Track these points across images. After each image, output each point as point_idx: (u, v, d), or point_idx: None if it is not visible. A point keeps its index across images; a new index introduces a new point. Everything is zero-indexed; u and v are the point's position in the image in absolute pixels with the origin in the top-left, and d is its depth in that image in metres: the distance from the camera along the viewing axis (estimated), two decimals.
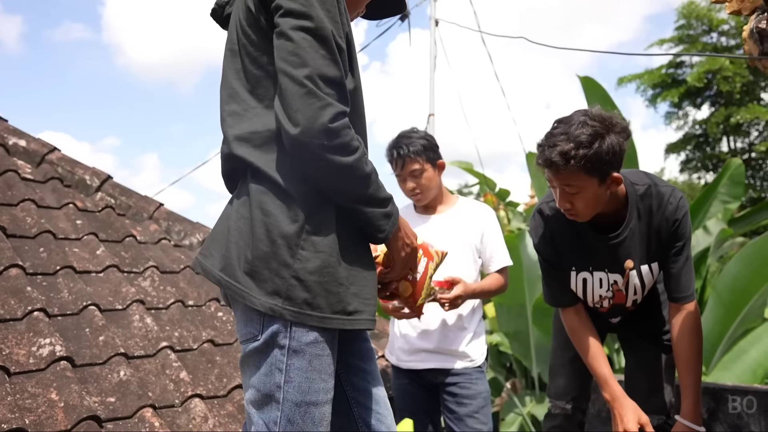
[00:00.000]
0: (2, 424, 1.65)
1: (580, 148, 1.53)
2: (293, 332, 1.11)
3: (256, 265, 1.12)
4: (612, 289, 1.83)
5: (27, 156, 3.26)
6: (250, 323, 1.15)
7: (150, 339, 2.35)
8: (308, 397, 1.12)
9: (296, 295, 1.10)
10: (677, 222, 1.68)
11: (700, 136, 20.00)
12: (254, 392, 1.16)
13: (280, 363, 1.12)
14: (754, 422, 2.30)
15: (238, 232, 1.16)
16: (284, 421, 1.12)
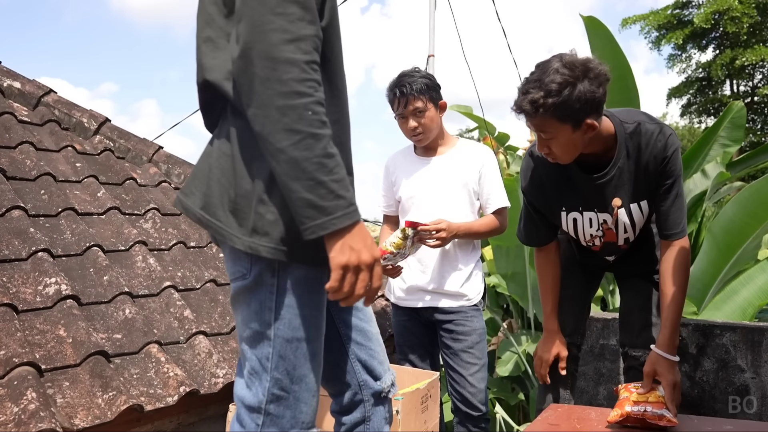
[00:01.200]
0: (14, 358, 1.71)
1: (549, 96, 1.54)
2: (282, 269, 1.10)
3: (239, 203, 1.09)
4: (602, 228, 1.86)
5: (23, 98, 3.22)
6: (238, 261, 1.13)
7: (153, 279, 2.39)
8: (299, 333, 1.12)
9: (274, 231, 1.07)
10: (666, 159, 1.68)
11: (703, 80, 19.68)
12: (246, 330, 1.15)
13: (270, 300, 1.11)
14: (741, 357, 2.38)
15: (220, 170, 1.12)
16: (276, 357, 1.12)
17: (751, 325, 2.45)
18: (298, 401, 1.14)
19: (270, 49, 0.98)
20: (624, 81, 4.74)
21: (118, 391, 1.78)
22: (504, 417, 3.77)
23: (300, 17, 1.00)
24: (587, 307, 2.17)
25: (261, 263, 1.10)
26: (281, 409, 1.13)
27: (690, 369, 2.50)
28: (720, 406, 2.41)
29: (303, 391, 1.14)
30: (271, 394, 1.13)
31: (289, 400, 1.13)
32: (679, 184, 1.71)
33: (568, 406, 1.68)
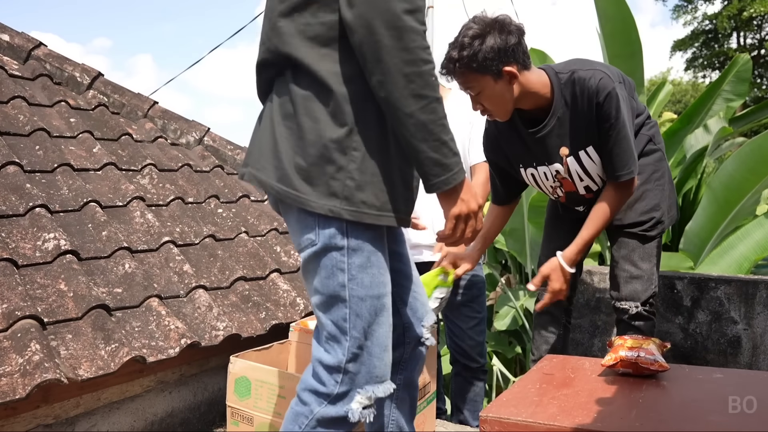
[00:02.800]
0: (16, 311, 1.73)
1: (462, 50, 1.66)
2: (350, 231, 1.15)
3: (311, 171, 1.13)
4: (557, 178, 1.92)
5: (12, 51, 3.15)
6: (306, 230, 1.18)
7: (152, 234, 2.40)
8: (372, 291, 1.18)
9: (353, 194, 1.13)
10: (599, 105, 1.72)
11: (709, 32, 19.27)
12: (319, 296, 1.20)
13: (341, 263, 1.16)
14: (735, 309, 2.42)
15: (287, 141, 1.16)
16: (353, 317, 1.17)
17: (745, 278, 2.47)
18: (371, 356, 1.19)
19: (394, 19, 1.04)
20: (627, 34, 4.65)
21: (120, 344, 1.81)
22: (501, 370, 3.86)
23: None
24: (579, 266, 2.19)
25: (330, 228, 1.15)
26: (358, 365, 1.19)
27: (684, 321, 2.54)
28: (712, 357, 2.46)
29: (375, 346, 1.19)
30: (351, 353, 1.18)
31: (366, 357, 1.19)
32: (619, 126, 1.73)
33: (563, 357, 1.71)
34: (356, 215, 1.13)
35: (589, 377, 1.49)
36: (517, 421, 1.24)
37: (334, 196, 1.13)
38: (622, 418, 1.20)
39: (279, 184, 1.17)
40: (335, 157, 1.13)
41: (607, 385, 1.42)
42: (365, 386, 1.19)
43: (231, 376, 1.84)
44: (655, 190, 1.93)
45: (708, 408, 1.24)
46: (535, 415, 1.25)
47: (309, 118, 1.14)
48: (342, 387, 1.19)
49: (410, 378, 1.44)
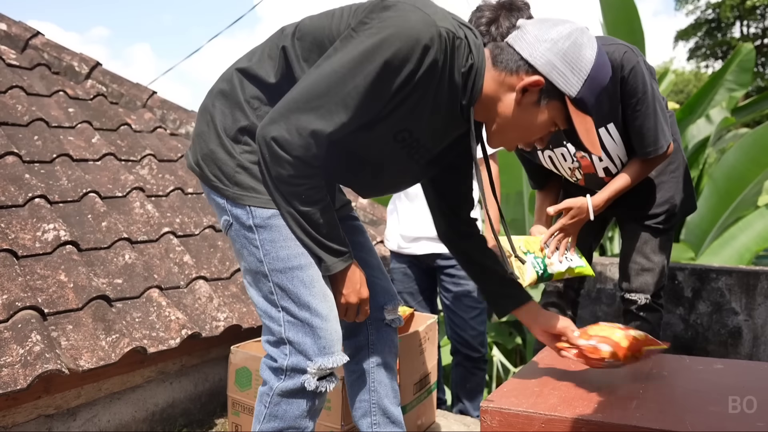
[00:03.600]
0: (16, 302, 1.73)
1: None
2: (253, 211, 1.21)
3: (208, 157, 1.24)
4: (576, 158, 1.87)
5: (9, 41, 3.13)
6: (222, 212, 1.26)
7: (152, 225, 2.39)
8: (289, 263, 1.21)
9: (242, 180, 1.21)
10: (623, 79, 1.68)
11: (712, 21, 19.15)
12: (247, 276, 1.28)
13: (254, 240, 1.22)
14: (735, 300, 2.41)
15: (200, 131, 1.28)
16: (277, 289, 1.22)
17: (746, 269, 2.46)
18: (313, 327, 1.21)
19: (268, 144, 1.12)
20: (630, 23, 4.62)
21: (120, 334, 1.81)
22: (501, 360, 3.87)
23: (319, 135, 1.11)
24: (589, 254, 2.18)
25: (237, 209, 1.23)
26: (300, 335, 1.21)
27: (685, 312, 2.53)
28: (713, 348, 2.46)
29: (314, 318, 1.21)
30: (285, 322, 1.22)
31: (305, 327, 1.21)
32: (648, 100, 1.69)
33: None
34: (246, 198, 1.21)
35: (590, 368, 1.48)
36: (518, 412, 1.24)
37: (227, 179, 1.22)
38: (623, 409, 1.20)
39: (195, 166, 1.28)
40: (228, 146, 1.22)
41: (608, 376, 1.42)
42: (315, 358, 1.21)
43: (232, 367, 1.85)
44: (670, 182, 1.90)
45: (709, 399, 1.24)
46: (535, 405, 1.24)
47: (217, 119, 1.24)
48: (291, 359, 1.22)
49: (384, 360, 1.45)
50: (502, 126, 1.20)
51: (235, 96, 1.24)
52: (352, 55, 1.07)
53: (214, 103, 1.26)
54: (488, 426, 1.27)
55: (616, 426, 1.14)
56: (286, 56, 1.21)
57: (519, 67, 1.14)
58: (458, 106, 1.19)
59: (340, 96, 1.08)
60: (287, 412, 1.24)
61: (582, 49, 1.14)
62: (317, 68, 1.12)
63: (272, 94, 1.22)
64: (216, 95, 1.27)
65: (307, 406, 1.25)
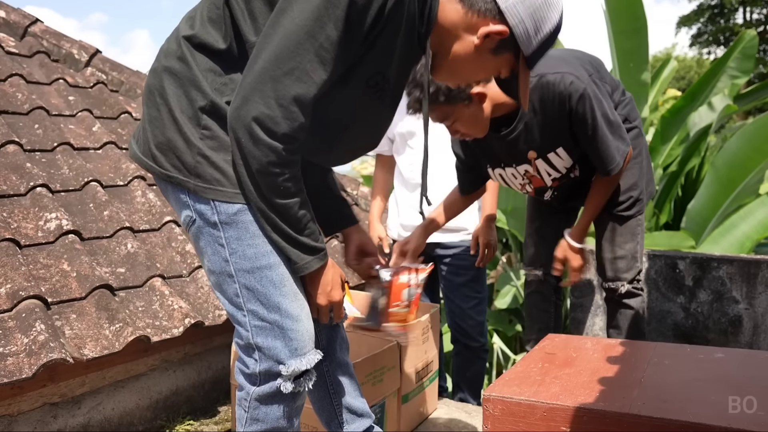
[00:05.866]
0: (20, 291, 1.73)
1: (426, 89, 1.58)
2: (218, 206, 1.11)
3: (165, 146, 1.12)
4: (526, 176, 1.92)
5: (8, 28, 3.11)
6: (184, 208, 1.15)
7: (154, 214, 2.39)
8: (257, 262, 1.12)
9: (204, 171, 1.10)
10: (572, 110, 1.68)
11: (715, 7, 19.01)
12: (211, 275, 1.18)
13: (219, 238, 1.13)
14: (736, 288, 2.42)
15: (151, 120, 1.15)
16: (244, 290, 1.14)
17: (747, 257, 2.47)
18: (283, 329, 1.14)
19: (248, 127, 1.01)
20: (632, 9, 4.58)
21: (124, 323, 1.82)
22: (502, 347, 3.89)
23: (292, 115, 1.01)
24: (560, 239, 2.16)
25: (200, 205, 1.13)
26: (269, 340, 1.15)
27: (685, 301, 2.54)
28: (713, 336, 2.48)
29: (284, 319, 1.14)
30: (253, 327, 1.15)
31: (274, 330, 1.14)
32: (598, 125, 1.70)
33: (565, 336, 1.72)
34: (209, 192, 1.11)
35: (591, 356, 1.49)
36: (519, 401, 1.25)
37: (187, 171, 1.11)
38: (624, 398, 1.21)
39: (145, 158, 1.16)
40: (187, 131, 1.10)
41: (609, 365, 1.43)
42: (287, 361, 1.14)
43: (235, 355, 1.86)
44: (632, 169, 1.92)
45: (709, 388, 1.25)
46: (537, 394, 1.25)
47: (173, 103, 1.11)
48: (262, 364, 1.16)
49: (337, 359, 1.40)
50: (452, 63, 1.14)
51: (186, 72, 1.11)
52: (314, 3, 0.97)
53: (162, 84, 1.13)
54: (490, 414, 1.28)
55: (617, 414, 1.15)
56: (232, 14, 1.09)
57: (488, 11, 1.06)
58: (416, 36, 1.09)
59: (312, 51, 0.98)
60: (268, 415, 1.20)
61: (550, 10, 1.08)
62: (276, 26, 0.99)
63: (226, 62, 1.10)
64: (163, 73, 1.13)
65: (287, 406, 1.21)
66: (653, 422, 1.11)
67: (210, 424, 2.11)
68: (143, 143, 1.16)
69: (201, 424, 2.10)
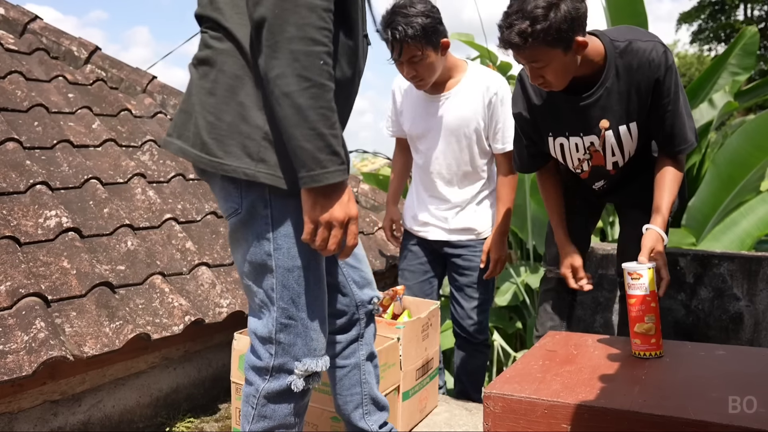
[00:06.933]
0: (20, 289, 1.73)
1: (536, 23, 1.51)
2: (273, 198, 1.10)
3: (224, 131, 1.07)
4: (589, 150, 1.83)
5: (7, 25, 3.10)
6: (230, 197, 1.13)
7: (154, 211, 2.39)
8: (298, 262, 1.13)
9: (269, 157, 1.06)
10: (659, 80, 1.63)
11: (716, 4, 18.96)
12: (247, 266, 1.16)
13: (266, 232, 1.11)
14: (737, 286, 2.42)
15: (202, 104, 1.10)
16: (280, 287, 1.14)
17: (748, 254, 2.47)
18: (307, 329, 1.17)
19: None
20: (633, 5, 4.57)
21: (124, 321, 1.82)
22: (502, 344, 3.89)
23: None
24: (586, 240, 2.17)
25: (252, 195, 1.10)
26: (291, 337, 1.16)
27: (686, 298, 2.54)
28: (714, 333, 2.47)
29: (310, 319, 1.17)
30: (279, 324, 1.16)
31: (298, 328, 1.16)
32: (679, 99, 1.66)
33: (566, 333, 1.72)
34: (273, 179, 1.06)
35: (592, 354, 1.49)
36: (520, 398, 1.24)
37: (249, 158, 1.06)
38: (625, 395, 1.21)
39: (194, 149, 1.10)
40: (251, 115, 1.05)
41: (610, 362, 1.42)
42: (303, 359, 1.16)
43: (235, 353, 1.85)
44: None
45: (710, 385, 1.25)
46: (538, 391, 1.25)
47: (225, 75, 1.07)
48: (277, 359, 1.17)
49: (370, 351, 1.46)
50: None
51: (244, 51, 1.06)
52: None
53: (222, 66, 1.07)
54: (491, 412, 1.27)
55: (618, 412, 1.14)
56: None
57: None
58: None
59: None
60: (275, 412, 1.21)
61: None
62: None
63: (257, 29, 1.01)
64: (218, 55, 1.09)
65: (295, 404, 1.22)
66: (654, 419, 1.11)
67: (210, 421, 2.11)
68: (192, 134, 1.10)
69: (201, 421, 2.10)
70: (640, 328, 1.43)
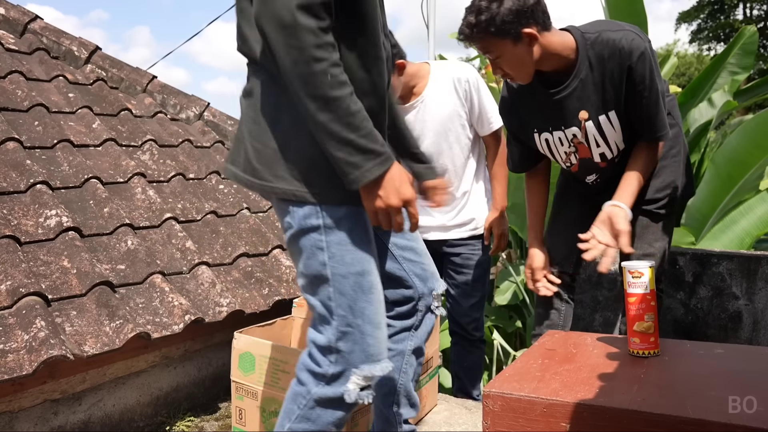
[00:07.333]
0: (20, 288, 1.74)
1: (480, 14, 1.62)
2: (323, 210, 1.15)
3: (273, 158, 1.15)
4: (573, 143, 1.85)
5: (8, 25, 3.11)
6: (284, 214, 1.19)
7: (154, 210, 2.40)
8: (354, 268, 1.16)
9: (314, 178, 1.13)
10: (631, 67, 1.66)
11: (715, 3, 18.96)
12: (304, 278, 1.21)
13: (320, 242, 1.16)
14: (736, 284, 2.42)
15: (250, 132, 1.18)
16: (337, 295, 1.17)
17: (747, 253, 2.47)
18: (363, 335, 1.18)
19: (282, 18, 1.00)
20: (632, 4, 4.57)
21: (124, 320, 1.82)
22: (502, 343, 3.89)
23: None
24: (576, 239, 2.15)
25: (303, 210, 1.16)
26: (350, 344, 1.18)
27: (685, 296, 2.55)
28: (713, 332, 2.48)
29: (366, 324, 1.18)
30: (339, 332, 1.18)
31: (355, 335, 1.18)
32: (656, 86, 1.68)
33: (565, 333, 1.72)
34: (320, 197, 1.14)
35: (591, 352, 1.49)
36: (519, 397, 1.25)
37: (296, 181, 1.14)
38: (624, 393, 1.21)
39: (245, 174, 1.19)
40: (292, 140, 1.13)
41: (609, 361, 1.43)
42: (361, 366, 1.18)
43: (235, 352, 1.86)
44: (672, 167, 1.88)
45: (709, 383, 1.25)
46: (537, 390, 1.25)
47: (268, 105, 1.15)
48: (336, 367, 1.19)
49: (419, 345, 1.48)
50: None
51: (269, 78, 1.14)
52: None
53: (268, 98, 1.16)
54: (490, 410, 1.28)
55: (617, 410, 1.15)
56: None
57: None
58: None
59: None
60: (321, 417, 1.21)
61: None
62: None
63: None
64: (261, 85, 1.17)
65: (341, 414, 1.23)
66: (653, 418, 1.11)
67: (210, 420, 2.11)
68: (244, 161, 1.19)
69: (201, 420, 2.11)
70: (640, 326, 1.43)
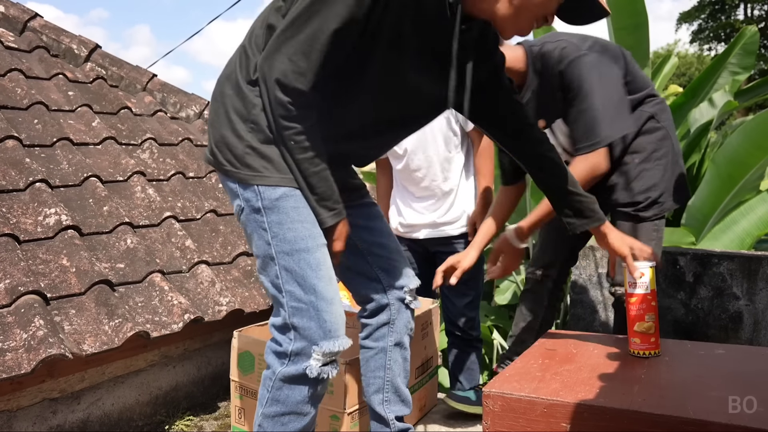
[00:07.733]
0: (19, 287, 1.73)
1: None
2: (262, 192, 1.21)
3: (221, 143, 1.26)
4: None
5: (7, 23, 3.10)
6: (234, 197, 1.27)
7: (153, 209, 2.39)
8: (296, 245, 1.21)
9: (252, 161, 1.22)
10: (561, 73, 1.69)
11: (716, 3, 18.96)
12: (257, 261, 1.28)
13: (262, 222, 1.22)
14: (737, 285, 2.42)
15: (212, 118, 1.30)
16: (283, 272, 1.22)
17: (748, 254, 2.47)
18: (318, 311, 1.21)
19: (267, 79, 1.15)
20: (633, 5, 4.56)
21: (123, 319, 1.82)
22: (501, 343, 3.88)
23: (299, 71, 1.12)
24: (569, 243, 2.12)
25: (247, 192, 1.23)
26: (305, 320, 1.21)
27: (686, 297, 2.54)
28: (713, 332, 2.47)
29: (319, 300, 1.21)
30: (290, 308, 1.22)
31: (310, 312, 1.21)
32: (584, 95, 1.68)
33: (565, 333, 1.71)
34: (256, 178, 1.22)
35: (592, 353, 1.49)
36: (519, 397, 1.24)
37: (237, 161, 1.23)
38: (625, 394, 1.21)
39: (210, 155, 1.30)
40: (237, 129, 1.23)
41: (610, 361, 1.42)
42: (320, 342, 1.21)
43: (234, 351, 1.85)
44: (654, 170, 1.85)
45: (710, 384, 1.25)
46: (537, 390, 1.25)
47: (224, 102, 1.26)
48: (296, 344, 1.22)
49: (400, 339, 1.50)
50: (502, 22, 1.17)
51: (240, 76, 1.25)
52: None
53: (222, 90, 1.28)
54: (490, 410, 1.27)
55: (617, 411, 1.14)
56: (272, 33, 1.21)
57: None
58: (445, 5, 1.14)
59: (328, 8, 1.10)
60: (289, 397, 1.25)
61: None
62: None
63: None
64: (223, 81, 1.29)
65: (308, 391, 1.26)
66: (654, 418, 1.11)
67: (209, 419, 2.11)
68: (208, 145, 1.31)
69: (200, 419, 2.10)
70: (641, 327, 1.43)
